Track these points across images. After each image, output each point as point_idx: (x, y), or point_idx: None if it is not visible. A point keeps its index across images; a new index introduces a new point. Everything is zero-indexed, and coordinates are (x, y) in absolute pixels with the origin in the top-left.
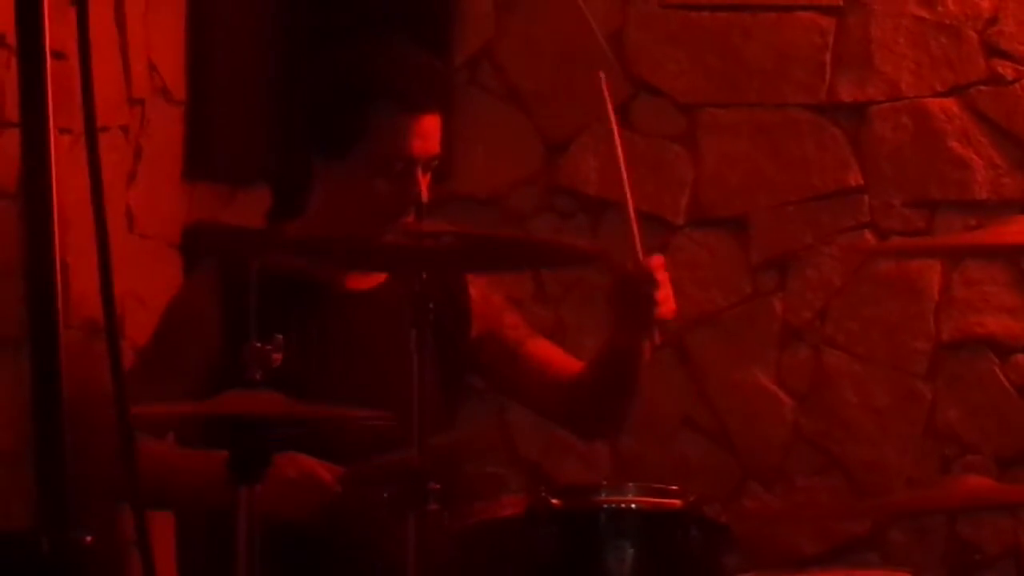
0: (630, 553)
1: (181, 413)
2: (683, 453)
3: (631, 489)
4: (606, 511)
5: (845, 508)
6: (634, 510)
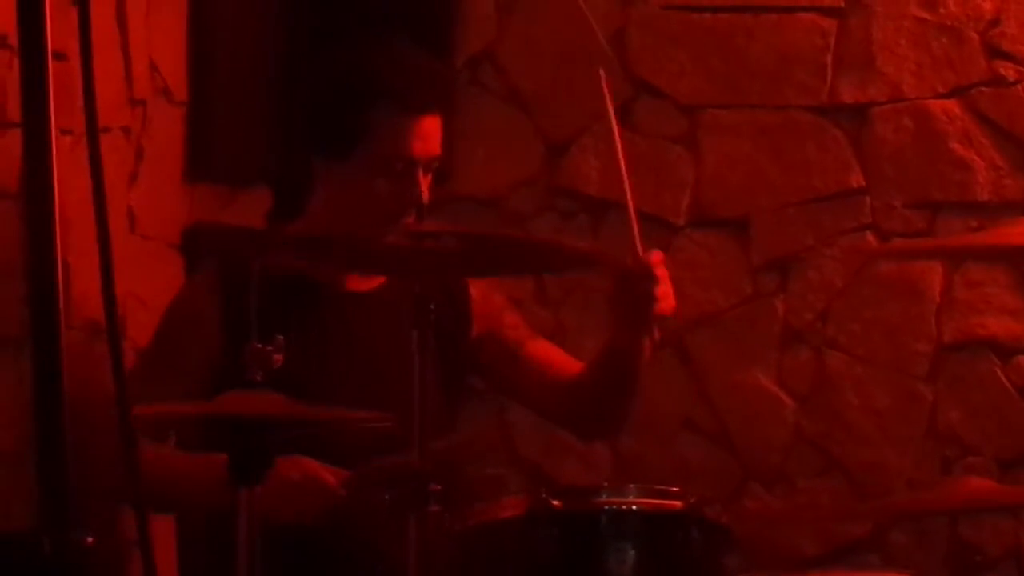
0: (631, 555)
1: (182, 413)
2: (684, 454)
3: (632, 490)
4: (607, 512)
5: (846, 509)
6: (635, 511)
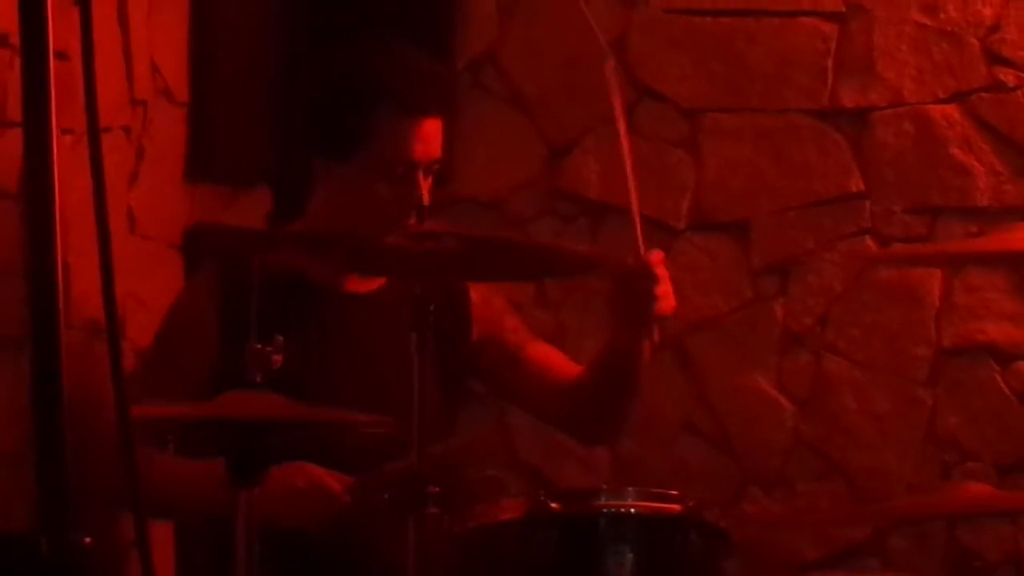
0: (629, 558)
1: (181, 415)
2: (683, 458)
3: (630, 493)
4: (605, 515)
5: (845, 514)
6: (633, 515)
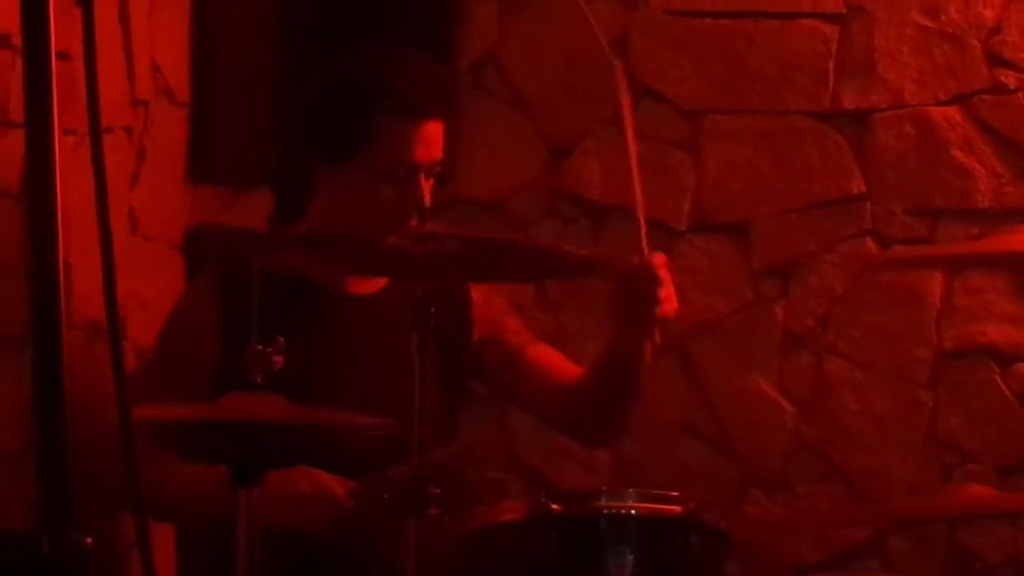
0: (630, 559)
1: (182, 416)
2: (684, 459)
3: (631, 495)
4: (606, 517)
5: (846, 515)
6: (634, 516)
